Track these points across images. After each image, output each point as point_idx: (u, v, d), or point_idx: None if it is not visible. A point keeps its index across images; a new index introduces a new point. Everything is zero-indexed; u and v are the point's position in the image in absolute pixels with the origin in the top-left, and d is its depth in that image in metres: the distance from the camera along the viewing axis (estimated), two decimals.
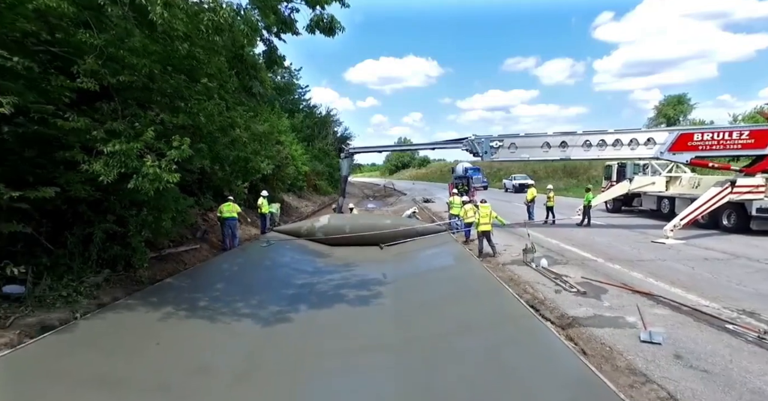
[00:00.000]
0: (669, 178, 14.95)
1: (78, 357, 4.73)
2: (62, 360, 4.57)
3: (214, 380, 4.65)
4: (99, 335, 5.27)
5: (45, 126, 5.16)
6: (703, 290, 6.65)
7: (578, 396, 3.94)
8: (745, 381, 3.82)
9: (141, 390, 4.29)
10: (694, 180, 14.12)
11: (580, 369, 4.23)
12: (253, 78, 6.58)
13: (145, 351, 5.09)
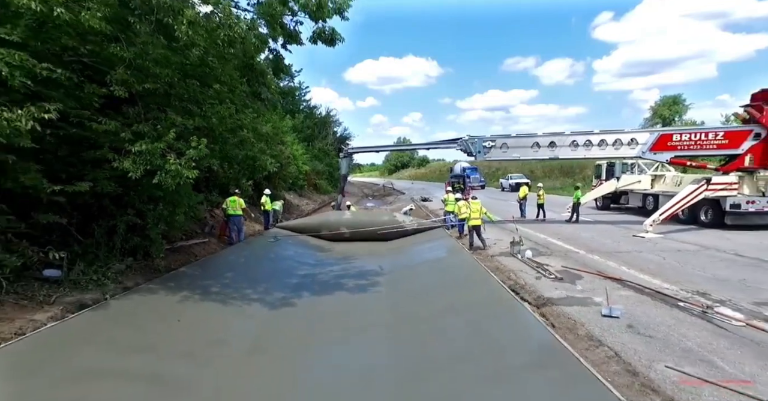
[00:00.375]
0: (654, 176, 15.66)
1: (112, 329, 5.43)
2: (100, 331, 5.28)
3: (231, 350, 5.36)
4: (128, 312, 5.98)
5: (81, 129, 5.86)
6: (668, 276, 7.37)
7: (544, 358, 4.64)
8: (680, 343, 4.54)
9: (169, 355, 5.00)
10: (677, 178, 14.84)
11: (547, 337, 4.94)
12: (262, 85, 7.30)
13: (169, 326, 5.80)
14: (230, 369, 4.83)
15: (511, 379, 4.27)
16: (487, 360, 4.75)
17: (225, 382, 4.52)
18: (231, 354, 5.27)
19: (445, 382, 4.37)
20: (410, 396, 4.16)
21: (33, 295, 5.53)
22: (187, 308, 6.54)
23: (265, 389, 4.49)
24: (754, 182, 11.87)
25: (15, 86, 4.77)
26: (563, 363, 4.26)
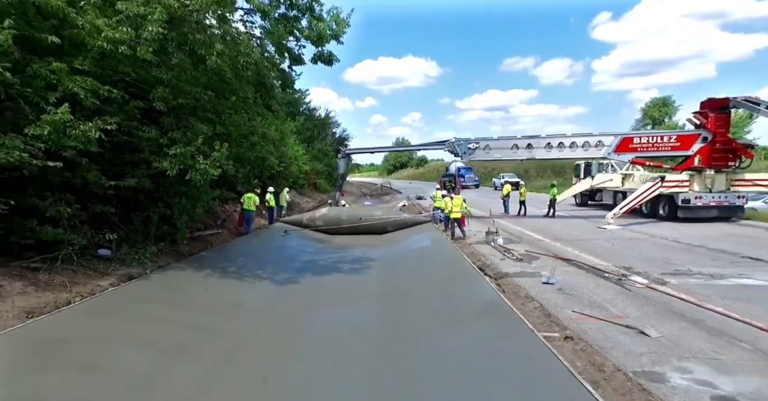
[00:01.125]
0: (624, 175, 17.15)
1: (156, 294, 6.92)
2: (147, 295, 6.77)
3: (248, 311, 6.83)
4: (165, 284, 7.47)
5: (129, 136, 7.35)
6: (609, 257, 8.87)
7: (489, 310, 6.12)
8: (589, 299, 6.04)
9: (201, 312, 6.48)
10: (645, 177, 16.33)
11: (495, 297, 6.42)
12: (272, 98, 8.79)
13: (199, 294, 7.29)
14: (248, 324, 6.30)
15: (465, 323, 5.77)
16: (450, 314, 6.25)
17: (244, 333, 5.97)
18: (248, 314, 6.75)
19: (417, 328, 5.86)
20: (391, 339, 5.64)
21: (95, 268, 7.02)
22: (210, 282, 8.02)
23: (276, 338, 5.94)
24: (703, 179, 13.37)
25: (86, 105, 6.24)
26: (502, 312, 5.76)
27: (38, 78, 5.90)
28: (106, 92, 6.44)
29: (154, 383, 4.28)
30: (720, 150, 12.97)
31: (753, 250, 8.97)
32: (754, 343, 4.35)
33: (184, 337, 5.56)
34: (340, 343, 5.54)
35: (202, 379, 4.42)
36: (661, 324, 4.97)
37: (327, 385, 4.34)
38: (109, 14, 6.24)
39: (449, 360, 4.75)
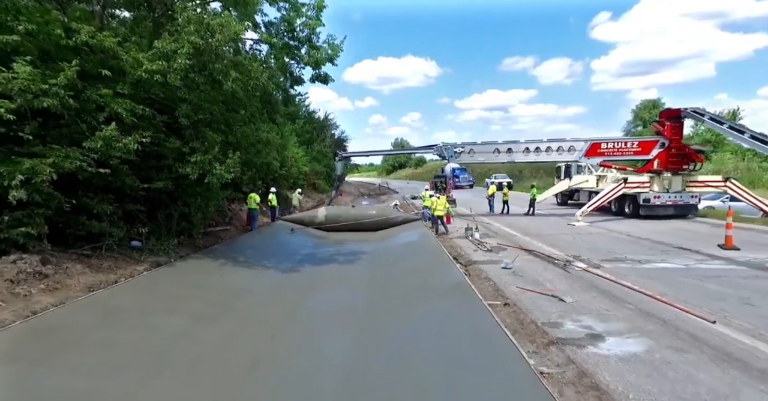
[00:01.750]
0: (599, 176, 18.61)
1: (181, 278, 8.37)
2: (174, 278, 8.22)
3: (256, 293, 8.24)
4: (187, 270, 8.92)
5: (158, 146, 8.80)
6: (565, 248, 10.34)
7: (455, 288, 7.57)
8: (535, 279, 7.52)
9: (218, 293, 7.92)
10: (617, 178, 17.81)
11: (461, 279, 7.89)
12: (276, 112, 10.25)
13: (215, 278, 8.75)
14: (257, 301, 7.74)
15: (433, 298, 7.23)
16: (423, 292, 7.72)
17: (254, 307, 7.40)
18: (257, 294, 8.19)
19: (396, 303, 7.31)
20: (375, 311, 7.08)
21: (131, 256, 8.49)
22: (224, 269, 9.48)
23: (282, 311, 7.37)
24: (661, 181, 14.85)
25: (126, 122, 7.69)
26: (463, 290, 7.21)
27: (90, 102, 7.36)
28: (141, 111, 7.91)
29: (188, 338, 5.74)
30: (675, 155, 14.48)
31: (688, 242, 10.45)
32: (637, 305, 5.82)
33: (206, 310, 7.02)
34: (334, 314, 7.01)
35: (224, 337, 5.86)
36: (579, 295, 6.44)
37: (323, 343, 5.80)
38: (145, 49, 7.70)
39: (418, 324, 6.22)
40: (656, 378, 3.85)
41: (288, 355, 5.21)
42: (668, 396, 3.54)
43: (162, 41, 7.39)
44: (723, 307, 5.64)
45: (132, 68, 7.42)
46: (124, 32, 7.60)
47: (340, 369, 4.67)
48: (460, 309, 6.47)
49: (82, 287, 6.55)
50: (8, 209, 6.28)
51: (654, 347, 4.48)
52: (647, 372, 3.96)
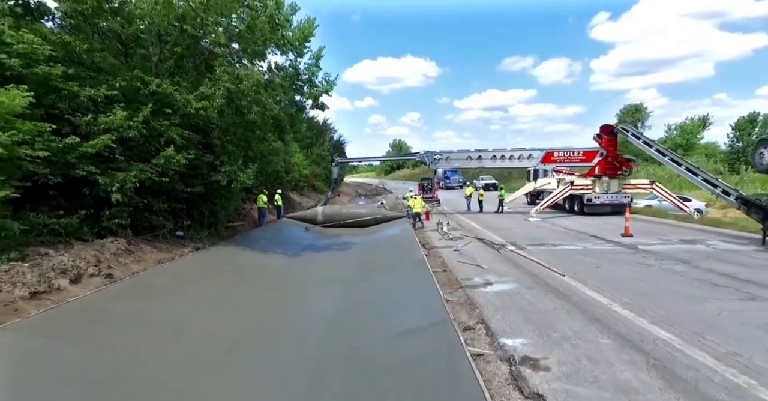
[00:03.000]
0: (559, 180, 21.60)
1: (215, 258, 11.35)
2: (210, 258, 11.20)
3: (271, 270, 11.24)
4: (218, 253, 11.90)
5: (196, 159, 11.76)
6: (509, 237, 13.32)
7: (415, 264, 10.53)
8: (474, 256, 10.50)
9: (242, 269, 10.90)
10: (566, 181, 20.78)
11: (421, 257, 10.88)
12: (284, 133, 13.25)
13: (238, 259, 11.75)
14: (271, 275, 10.73)
15: (399, 271, 10.21)
16: (393, 267, 10.72)
17: (271, 279, 10.40)
18: (271, 271, 11.17)
19: (373, 275, 10.31)
20: (358, 280, 10.06)
21: (178, 242, 11.46)
22: (244, 253, 12.47)
23: (290, 282, 10.38)
24: (601, 184, 17.84)
25: (178, 143, 10.63)
26: (421, 264, 10.19)
27: (154, 130, 10.32)
28: (187, 135, 10.88)
29: (229, 294, 8.70)
30: (611, 163, 17.49)
31: (604, 232, 13.44)
32: (528, 269, 8.82)
33: (237, 278, 10.02)
34: (328, 282, 9.98)
35: (254, 296, 8.80)
36: (496, 265, 9.43)
37: (320, 298, 8.79)
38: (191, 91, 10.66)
39: (384, 284, 9.22)
40: (506, 300, 6.84)
41: (296, 306, 8.23)
42: (506, 306, 6.51)
43: (204, 87, 10.36)
44: (580, 269, 8.64)
45: (183, 106, 10.38)
46: (178, 80, 10.53)
47: (331, 312, 7.63)
48: (414, 275, 9.46)
49: (154, 261, 9.52)
50: (107, 207, 9.25)
51: (517, 287, 7.48)
52: (503, 298, 6.95)
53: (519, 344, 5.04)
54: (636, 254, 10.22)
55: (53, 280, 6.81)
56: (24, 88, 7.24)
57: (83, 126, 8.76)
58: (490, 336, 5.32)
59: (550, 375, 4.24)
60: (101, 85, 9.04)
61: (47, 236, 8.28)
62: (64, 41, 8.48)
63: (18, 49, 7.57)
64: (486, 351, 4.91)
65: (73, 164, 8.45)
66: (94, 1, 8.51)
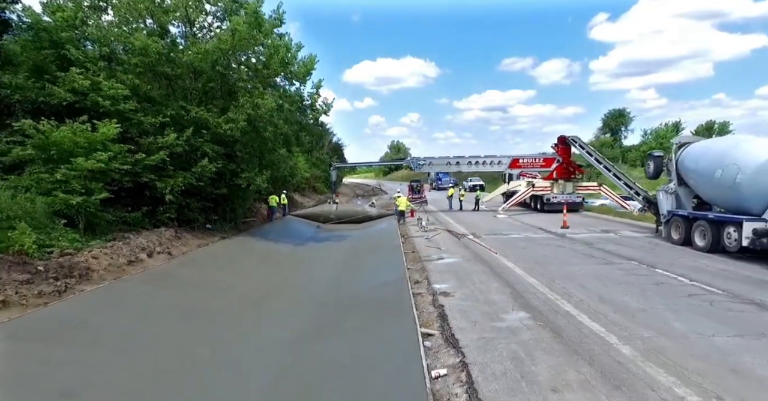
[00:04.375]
0: (528, 182, 24.75)
1: (238, 246, 14.49)
2: (233, 245, 14.34)
3: (281, 255, 14.42)
4: (239, 241, 15.05)
5: (222, 168, 14.89)
6: (473, 229, 16.45)
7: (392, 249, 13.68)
8: (439, 243, 13.65)
9: (260, 252, 14.08)
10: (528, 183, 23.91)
11: (398, 244, 14.03)
12: (291, 146, 16.39)
13: (256, 245, 14.91)
14: (282, 257, 13.92)
15: (381, 253, 13.36)
16: (376, 251, 13.89)
17: (282, 260, 13.60)
18: (282, 255, 14.35)
19: (361, 256, 13.48)
20: (351, 260, 13.25)
21: (208, 233, 14.59)
22: (260, 242, 15.63)
23: (298, 261, 13.55)
24: (558, 186, 21.00)
25: (209, 155, 13.74)
26: (397, 249, 13.35)
27: (192, 145, 13.44)
28: (216, 149, 14.02)
29: (252, 269, 11.86)
30: (566, 168, 20.66)
31: (550, 225, 16.57)
32: (474, 250, 11.97)
33: (258, 259, 13.17)
34: (326, 262, 13.14)
35: (272, 270, 11.97)
36: (453, 248, 12.57)
37: (321, 272, 11.95)
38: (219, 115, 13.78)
39: (368, 262, 12.36)
40: (447, 267, 9.99)
41: (303, 275, 11.42)
42: (445, 270, 9.64)
43: (231, 113, 13.48)
44: (510, 249, 11.78)
45: (214, 127, 13.51)
46: (210, 106, 13.66)
47: (330, 277, 10.79)
48: (390, 255, 12.60)
49: (194, 245, 12.66)
50: (161, 205, 12.38)
51: (459, 260, 10.64)
52: (446, 266, 10.10)
53: (443, 287, 8.18)
54: (560, 240, 13.39)
55: (138, 254, 9.95)
56: (114, 122, 10.39)
57: (146, 145, 11.90)
58: (428, 285, 8.46)
59: (453, 299, 7.38)
60: (158, 115, 12.18)
61: (122, 226, 11.42)
62: (134, 83, 11.61)
63: (108, 93, 10.71)
64: (422, 291, 8.06)
65: (139, 173, 11.58)
66: (156, 55, 11.64)
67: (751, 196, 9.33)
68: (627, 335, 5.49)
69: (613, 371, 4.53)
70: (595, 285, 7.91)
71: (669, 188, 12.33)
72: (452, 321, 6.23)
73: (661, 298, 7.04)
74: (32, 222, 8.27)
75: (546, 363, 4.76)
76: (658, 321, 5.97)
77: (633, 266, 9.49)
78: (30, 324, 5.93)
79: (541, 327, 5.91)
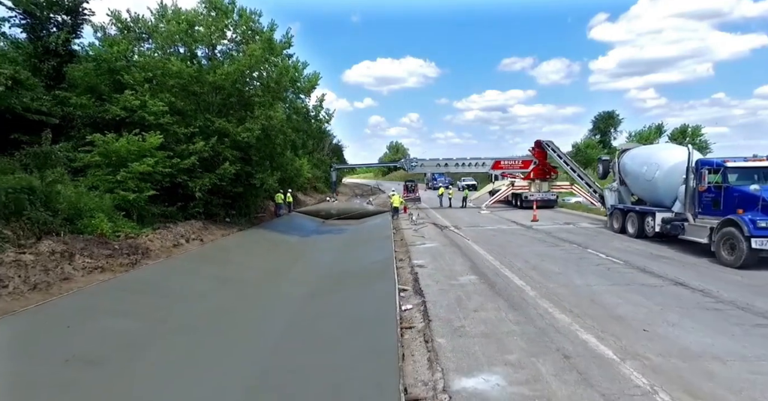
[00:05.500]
0: (510, 182, 27.23)
1: (253, 236, 16.99)
2: (249, 236, 16.85)
3: (289, 244, 16.94)
4: (254, 233, 17.55)
5: (240, 170, 17.36)
6: (455, 222, 18.93)
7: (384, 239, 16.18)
8: (424, 233, 16.14)
9: (272, 241, 16.60)
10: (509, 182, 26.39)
11: (390, 235, 16.53)
12: (297, 150, 18.85)
13: (268, 236, 17.42)
14: (290, 246, 16.44)
15: (375, 242, 15.85)
16: (371, 240, 16.39)
17: (289, 248, 16.11)
18: (289, 244, 16.87)
19: (358, 245, 15.99)
20: (349, 248, 15.76)
21: (227, 225, 17.07)
22: (270, 234, 18.13)
23: (305, 248, 16.06)
24: (535, 185, 23.48)
25: (229, 159, 16.20)
26: (388, 239, 15.85)
27: (215, 151, 15.91)
28: (236, 154, 16.51)
29: (266, 254, 14.36)
30: (542, 169, 23.15)
31: (522, 219, 19.03)
32: (452, 239, 14.45)
33: (270, 246, 15.68)
34: (328, 250, 15.63)
35: (285, 256, 14.49)
36: (435, 237, 15.05)
37: (323, 256, 14.46)
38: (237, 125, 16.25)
39: (363, 248, 14.86)
40: (427, 250, 12.47)
41: (309, 258, 13.92)
42: (425, 252, 12.11)
43: (248, 123, 15.96)
44: (482, 237, 14.26)
45: (233, 135, 15.98)
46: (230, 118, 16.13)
47: (332, 260, 13.31)
48: (382, 242, 15.08)
49: (219, 235, 15.14)
50: (191, 201, 14.85)
51: (438, 246, 13.13)
52: (426, 249, 12.58)
53: (420, 262, 10.67)
54: (526, 230, 15.89)
55: (179, 240, 12.43)
56: (158, 133, 12.87)
57: (179, 151, 14.37)
58: (409, 261, 10.95)
59: (425, 269, 9.86)
60: (188, 126, 14.67)
61: (161, 218, 13.89)
62: (171, 101, 14.09)
63: (152, 110, 13.20)
64: (404, 265, 10.54)
65: (175, 174, 14.05)
66: (188, 77, 14.13)
67: (664, 191, 11.79)
68: (538, 286, 7.98)
69: (518, 303, 7.02)
70: (535, 260, 10.40)
71: (613, 186, 14.80)
72: (422, 281, 8.73)
73: (576, 267, 9.53)
74: (104, 213, 10.76)
75: (476, 300, 7.25)
76: (565, 280, 8.46)
77: (572, 247, 12.00)
78: (121, 284, 8.42)
79: (482, 283, 8.41)
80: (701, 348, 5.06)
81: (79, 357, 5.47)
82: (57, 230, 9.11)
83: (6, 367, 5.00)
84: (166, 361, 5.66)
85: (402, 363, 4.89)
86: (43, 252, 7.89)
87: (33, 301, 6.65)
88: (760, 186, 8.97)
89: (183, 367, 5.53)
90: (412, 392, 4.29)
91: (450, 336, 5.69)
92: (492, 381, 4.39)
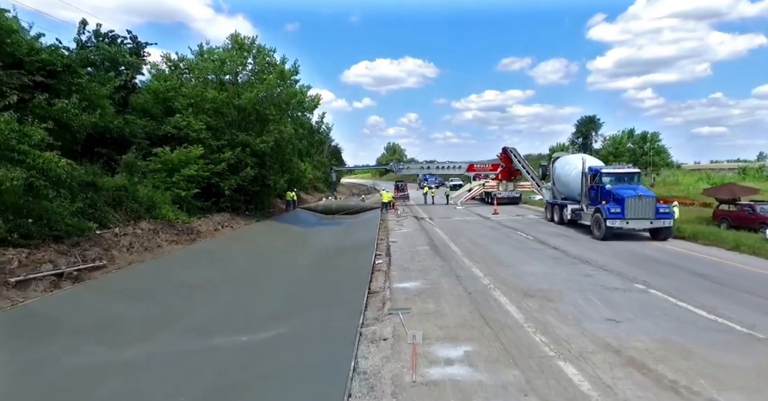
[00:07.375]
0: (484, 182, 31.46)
1: (268, 227, 21.20)
2: (264, 226, 21.05)
3: (295, 233, 21.19)
4: (268, 224, 21.76)
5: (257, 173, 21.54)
6: (432, 215, 23.14)
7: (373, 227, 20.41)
8: (403, 223, 20.36)
9: (283, 231, 20.83)
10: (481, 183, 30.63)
11: (378, 224, 20.76)
12: (303, 156, 23.03)
13: (279, 226, 21.65)
14: (296, 234, 20.70)
15: (367, 229, 20.12)
16: (363, 228, 20.65)
17: (296, 236, 20.35)
18: (295, 234, 21.11)
19: (353, 231, 20.24)
20: (346, 233, 20.02)
21: (248, 218, 21.25)
22: (281, 225, 22.36)
23: (308, 236, 20.29)
24: (502, 185, 27.73)
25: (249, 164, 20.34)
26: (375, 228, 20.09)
27: (239, 158, 20.08)
28: (253, 160, 20.71)
29: (280, 240, 18.58)
30: (508, 172, 27.44)
31: (486, 212, 23.23)
32: (424, 227, 18.66)
33: (281, 233, 19.92)
34: (329, 236, 19.89)
35: (295, 239, 18.72)
36: (412, 225, 19.26)
37: (323, 239, 18.71)
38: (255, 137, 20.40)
39: (355, 234, 19.11)
40: (402, 234, 16.71)
41: (312, 242, 18.21)
42: (400, 235, 16.30)
43: (264, 136, 20.14)
44: (448, 226, 18.47)
45: (253, 146, 20.16)
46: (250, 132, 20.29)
47: (330, 242, 17.56)
48: (370, 230, 19.32)
49: (243, 224, 19.33)
50: (221, 197, 19.05)
51: (410, 231, 17.36)
52: (402, 234, 16.80)
53: (394, 239, 14.89)
54: (484, 220, 20.12)
55: (216, 226, 16.63)
56: (199, 146, 17.08)
57: (213, 159, 18.55)
58: (387, 240, 15.17)
59: (396, 244, 14.08)
60: (219, 139, 18.88)
61: (199, 211, 18.07)
62: (207, 120, 18.28)
63: (195, 128, 17.40)
64: (383, 243, 14.76)
65: (210, 177, 18.22)
66: (221, 102, 18.34)
67: (575, 189, 16.05)
68: (467, 251, 12.21)
69: (448, 258, 11.26)
70: (476, 238, 14.63)
71: (548, 186, 19.02)
72: (392, 250, 12.97)
73: (500, 241, 13.77)
74: (168, 206, 14.95)
75: (423, 257, 11.51)
76: (486, 247, 12.69)
77: (508, 231, 16.24)
78: (191, 251, 12.63)
79: (431, 250, 12.64)
80: (529, 270, 9.34)
81: (186, 284, 9.72)
82: (143, 216, 13.31)
83: (149, 285, 9.23)
84: (236, 288, 9.90)
85: (370, 282, 9.12)
86: (144, 229, 12.11)
87: (149, 256, 10.87)
88: (612, 186, 13.26)
89: (245, 290, 9.78)
90: (372, 289, 8.53)
91: (399, 270, 9.95)
92: (413, 284, 8.63)
